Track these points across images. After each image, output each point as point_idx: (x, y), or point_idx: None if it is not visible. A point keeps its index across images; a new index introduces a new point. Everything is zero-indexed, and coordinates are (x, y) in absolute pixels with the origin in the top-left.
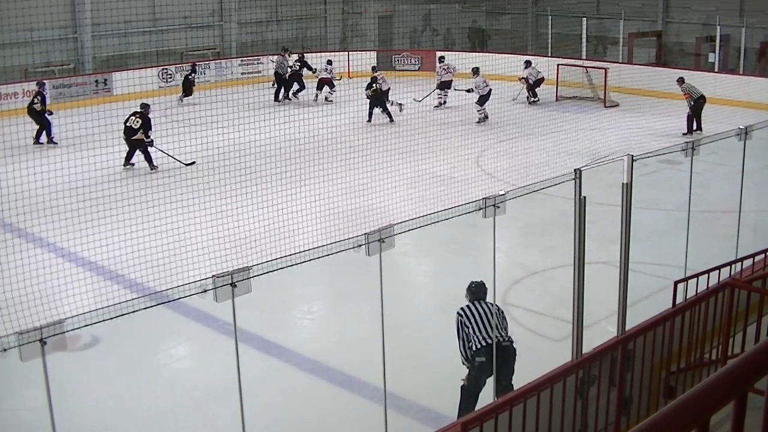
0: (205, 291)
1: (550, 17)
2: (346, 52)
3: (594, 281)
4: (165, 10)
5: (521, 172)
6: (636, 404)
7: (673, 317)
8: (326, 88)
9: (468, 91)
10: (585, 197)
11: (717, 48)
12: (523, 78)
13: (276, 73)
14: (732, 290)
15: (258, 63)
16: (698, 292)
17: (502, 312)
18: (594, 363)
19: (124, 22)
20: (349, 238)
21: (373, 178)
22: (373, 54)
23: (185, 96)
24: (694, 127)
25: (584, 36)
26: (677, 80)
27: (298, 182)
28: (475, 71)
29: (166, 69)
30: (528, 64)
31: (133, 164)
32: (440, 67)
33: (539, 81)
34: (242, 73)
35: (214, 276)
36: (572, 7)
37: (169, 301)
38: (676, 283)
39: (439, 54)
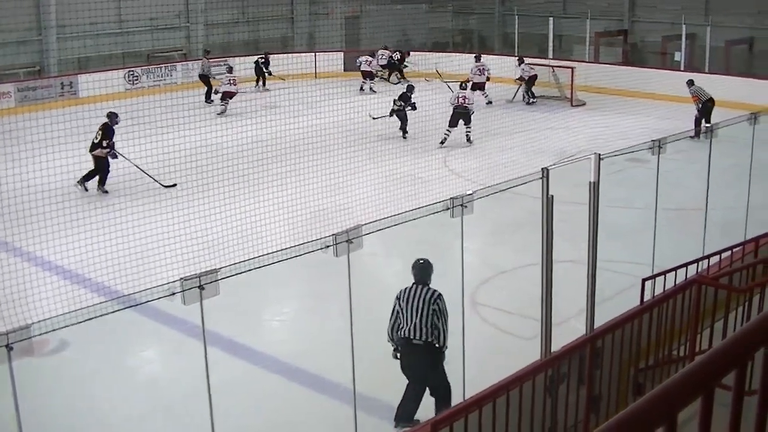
0: (173, 294)
1: (516, 17)
2: (313, 53)
3: (563, 280)
4: (131, 11)
5: (489, 171)
6: (605, 401)
7: (641, 315)
8: (229, 99)
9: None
10: (552, 196)
11: (682, 47)
12: (519, 78)
13: (201, 75)
14: (699, 287)
15: (225, 64)
16: (666, 289)
17: (438, 305)
18: (563, 361)
19: (89, 23)
20: (318, 239)
21: (340, 179)
22: (340, 54)
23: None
24: (703, 130)
25: (551, 35)
26: (687, 82)
27: (265, 184)
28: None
29: (133, 71)
30: (521, 61)
31: (86, 189)
32: (474, 67)
33: (533, 78)
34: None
35: (182, 279)
36: (538, 6)
37: (138, 305)
38: (643, 281)
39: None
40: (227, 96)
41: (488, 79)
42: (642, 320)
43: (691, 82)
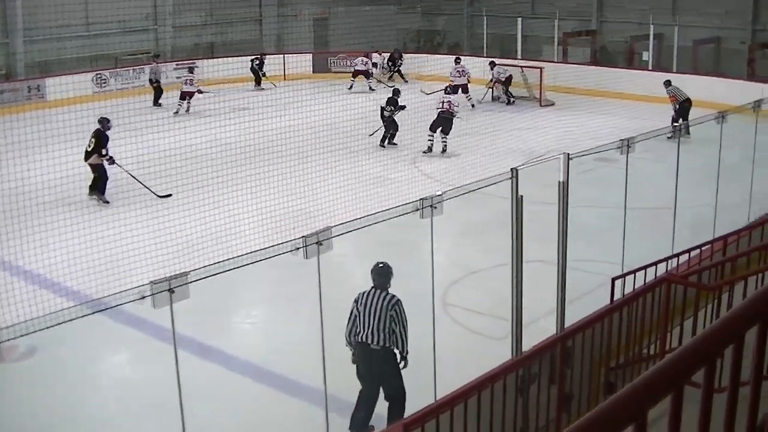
0: (143, 297)
1: (485, 18)
2: (282, 55)
3: (533, 280)
4: (99, 14)
5: (458, 172)
6: (576, 401)
7: (611, 314)
8: (188, 99)
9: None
10: (522, 196)
11: (650, 47)
12: (494, 80)
13: (150, 80)
14: (668, 286)
15: (194, 67)
16: (636, 288)
17: (396, 310)
18: (534, 361)
19: (57, 26)
20: (287, 242)
21: (309, 181)
22: (309, 56)
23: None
24: (672, 129)
25: (519, 36)
26: (664, 83)
27: (234, 187)
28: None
29: (101, 74)
30: (493, 65)
31: (107, 201)
32: (454, 69)
33: (509, 79)
34: (177, 77)
35: (151, 282)
36: (507, 7)
37: (107, 309)
38: (613, 280)
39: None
40: (185, 96)
41: (469, 81)
42: (612, 319)
43: (668, 83)
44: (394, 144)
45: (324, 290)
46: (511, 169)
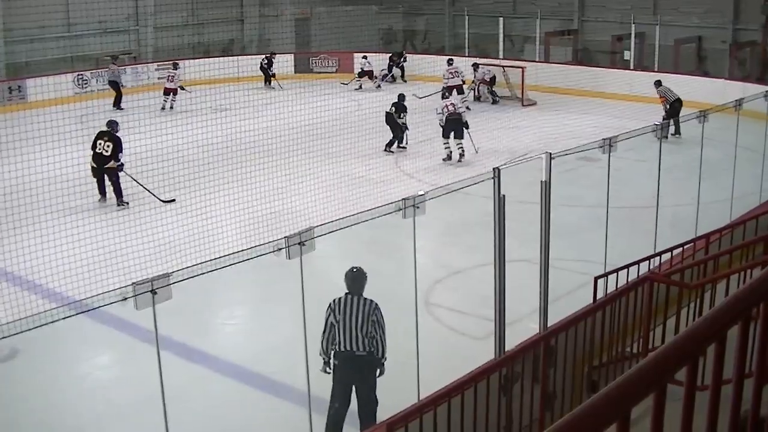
0: (125, 299)
1: (466, 17)
2: (264, 55)
3: (516, 279)
4: (80, 14)
5: (440, 172)
6: (559, 400)
7: (594, 313)
8: (171, 95)
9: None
10: (504, 196)
11: (632, 46)
12: (479, 81)
13: (110, 81)
14: (651, 284)
15: (178, 64)
16: (618, 287)
17: (377, 315)
18: (517, 360)
19: (37, 27)
20: (270, 242)
21: (291, 182)
22: (291, 56)
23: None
24: (672, 131)
25: (501, 36)
26: (654, 83)
27: (216, 187)
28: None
29: (82, 75)
30: (476, 66)
31: (127, 202)
32: (447, 71)
33: (493, 79)
34: (159, 78)
35: (134, 283)
36: (489, 6)
37: (89, 310)
38: (596, 279)
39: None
40: (168, 92)
41: (464, 81)
42: (595, 318)
43: (658, 83)
44: (404, 148)
45: (306, 291)
46: (494, 168)
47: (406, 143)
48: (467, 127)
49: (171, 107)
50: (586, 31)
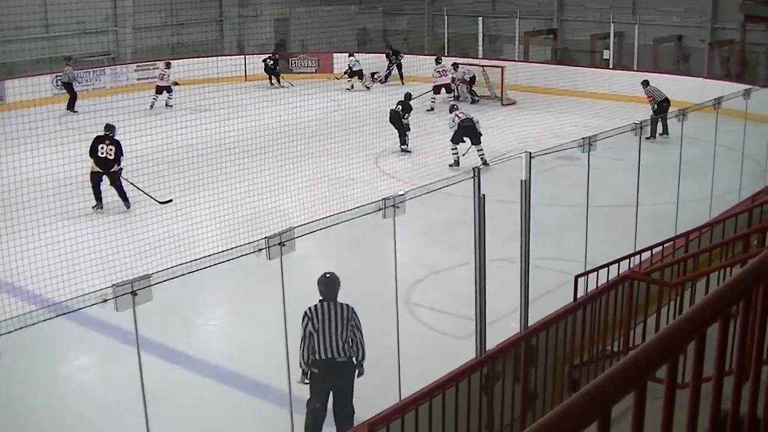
0: (106, 300)
1: (446, 17)
2: (243, 56)
3: (496, 278)
4: (58, 15)
5: (420, 171)
6: (541, 398)
7: (575, 311)
8: (165, 94)
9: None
10: (484, 195)
11: (611, 45)
12: (458, 81)
13: (65, 83)
14: (631, 283)
15: (154, 68)
16: (599, 285)
17: (355, 320)
18: (498, 359)
19: (15, 28)
20: (250, 243)
21: (272, 182)
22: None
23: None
24: (660, 131)
25: (480, 35)
26: (642, 83)
27: (196, 188)
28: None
29: (60, 76)
30: (456, 66)
31: (101, 206)
32: (435, 70)
33: (473, 78)
34: (138, 79)
35: (114, 285)
36: (468, 6)
37: (70, 312)
38: (576, 278)
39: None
40: (161, 90)
41: (453, 80)
42: (576, 317)
43: (646, 83)
44: (407, 150)
45: (287, 291)
46: (473, 168)
47: (408, 145)
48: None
49: (168, 105)
50: (566, 31)
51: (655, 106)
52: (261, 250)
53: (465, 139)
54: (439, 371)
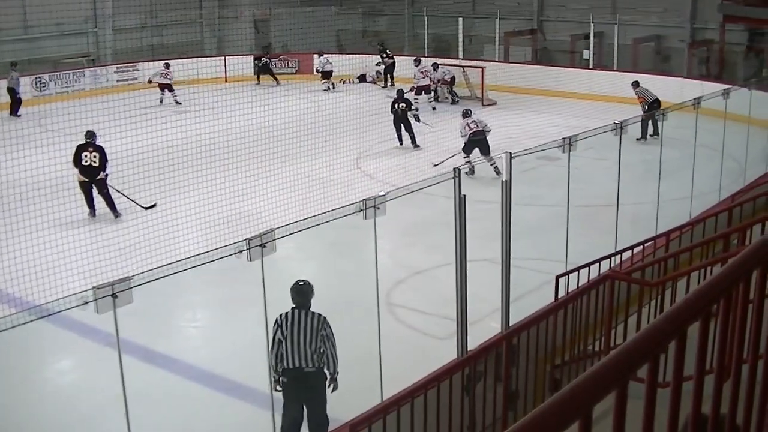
0: (86, 303)
1: (426, 18)
2: (223, 57)
3: (477, 279)
4: (37, 17)
5: (401, 172)
6: (522, 398)
7: (556, 311)
8: (166, 92)
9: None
10: (465, 195)
11: (591, 45)
12: (439, 81)
13: (8, 88)
14: (612, 282)
15: (134, 70)
16: (580, 285)
17: (326, 330)
18: (479, 360)
19: None
20: (231, 244)
21: (252, 183)
22: (250, 58)
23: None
24: (650, 132)
25: (461, 36)
26: (632, 84)
27: (176, 190)
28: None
29: (40, 77)
30: (436, 66)
31: (119, 213)
32: (417, 71)
33: (453, 79)
34: (118, 81)
35: (94, 287)
36: (448, 7)
37: (50, 315)
38: (557, 278)
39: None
40: (164, 88)
41: (432, 81)
42: (557, 317)
43: (636, 84)
44: (417, 145)
45: (268, 292)
46: (454, 168)
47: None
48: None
49: (177, 102)
50: (546, 31)
51: (646, 107)
52: (242, 251)
53: (475, 149)
54: (421, 372)
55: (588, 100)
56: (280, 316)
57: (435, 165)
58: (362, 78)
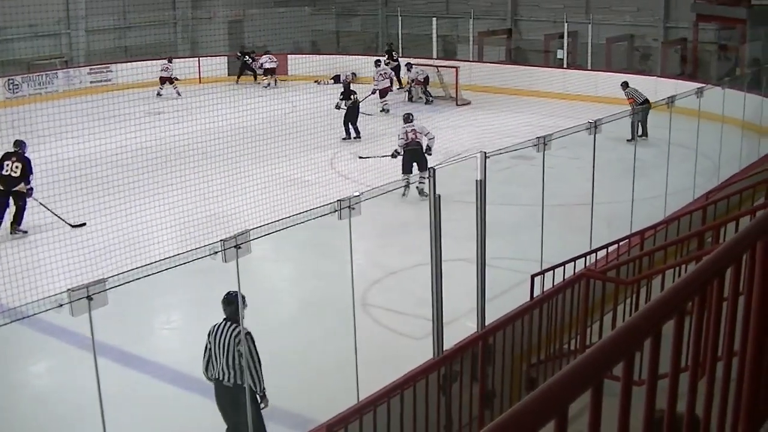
0: (61, 305)
1: (399, 18)
2: (197, 58)
3: (452, 278)
4: (9, 18)
5: (376, 173)
6: (499, 398)
7: (532, 310)
8: (167, 84)
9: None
10: (440, 195)
11: (565, 45)
12: (413, 81)
13: None
14: (587, 281)
15: (108, 71)
16: (555, 284)
17: (246, 344)
18: (455, 359)
19: None
20: (206, 245)
21: (226, 184)
22: (224, 59)
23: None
24: (639, 133)
25: (434, 36)
26: (621, 84)
27: (150, 192)
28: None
29: (13, 79)
30: (410, 66)
31: (25, 231)
32: (377, 73)
33: (426, 79)
34: (91, 82)
35: (69, 290)
36: (422, 7)
37: (24, 318)
38: (533, 277)
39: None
40: (164, 81)
41: (392, 82)
42: (532, 316)
43: (625, 84)
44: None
45: (245, 293)
46: (429, 168)
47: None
48: (429, 154)
49: (178, 93)
50: (519, 31)
51: (635, 107)
52: (217, 253)
53: (413, 164)
54: (397, 372)
55: (562, 100)
56: (213, 326)
57: (360, 158)
58: (336, 79)
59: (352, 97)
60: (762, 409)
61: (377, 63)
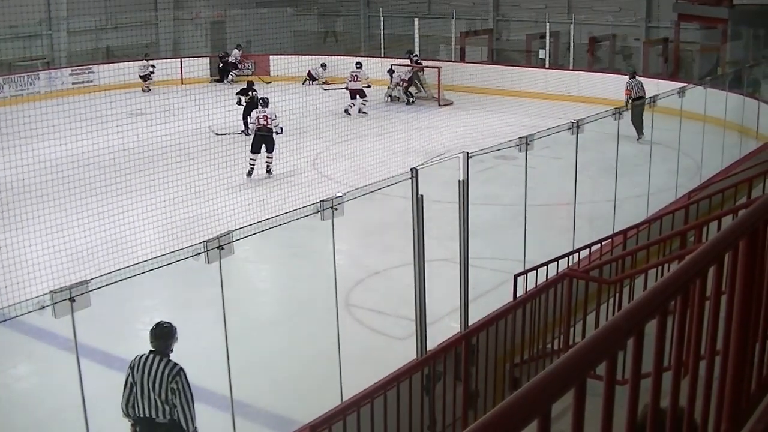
0: (43, 307)
1: (381, 18)
2: (179, 59)
3: (435, 278)
4: None
5: (358, 173)
6: (482, 397)
7: (515, 310)
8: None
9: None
10: (422, 196)
11: (547, 45)
12: (400, 81)
13: None
14: (570, 281)
15: (89, 72)
16: (538, 284)
17: (178, 384)
18: (439, 359)
19: None
20: (188, 247)
21: (208, 185)
22: (206, 60)
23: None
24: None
25: (416, 36)
26: (629, 73)
27: (132, 193)
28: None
29: None
30: (392, 72)
31: None
32: (350, 74)
33: (411, 79)
34: (73, 83)
35: (51, 291)
36: (404, 7)
37: (6, 320)
38: (515, 277)
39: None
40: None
41: (369, 86)
42: (516, 315)
43: (633, 74)
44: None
45: (227, 294)
46: (411, 168)
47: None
48: (279, 132)
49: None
50: (501, 31)
51: (630, 102)
52: (200, 254)
53: (262, 147)
54: (380, 372)
55: (544, 100)
56: (136, 357)
57: (216, 134)
58: (310, 75)
59: (250, 92)
60: (745, 407)
61: (358, 64)
